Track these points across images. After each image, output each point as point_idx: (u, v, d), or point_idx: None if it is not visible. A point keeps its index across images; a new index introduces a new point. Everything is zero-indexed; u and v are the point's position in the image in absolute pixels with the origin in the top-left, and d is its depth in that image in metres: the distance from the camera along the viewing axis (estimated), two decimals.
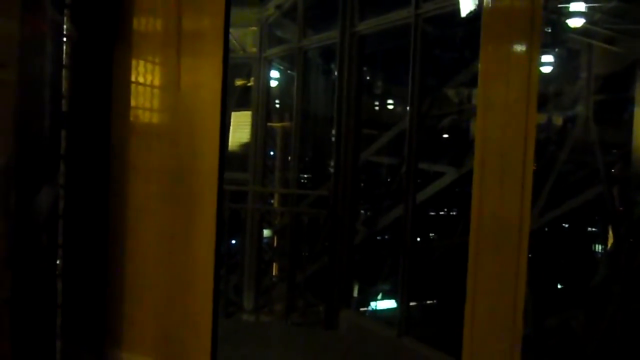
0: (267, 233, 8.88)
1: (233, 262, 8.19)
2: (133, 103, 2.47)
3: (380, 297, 11.05)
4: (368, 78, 12.91)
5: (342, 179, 5.95)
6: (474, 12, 4.65)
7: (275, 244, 8.98)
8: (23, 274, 1.97)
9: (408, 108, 5.18)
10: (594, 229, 11.32)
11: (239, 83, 9.28)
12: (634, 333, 7.10)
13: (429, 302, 11.08)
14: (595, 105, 9.05)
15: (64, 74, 2.26)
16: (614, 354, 7.45)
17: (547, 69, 8.80)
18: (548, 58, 8.69)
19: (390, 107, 14.58)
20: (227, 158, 2.54)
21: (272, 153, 9.24)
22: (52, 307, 2.24)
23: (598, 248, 11.02)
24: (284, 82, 9.52)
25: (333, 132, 6.06)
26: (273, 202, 8.84)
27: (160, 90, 2.46)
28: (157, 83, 2.45)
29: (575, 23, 8.17)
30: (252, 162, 7.95)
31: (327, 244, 6.67)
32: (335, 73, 6.09)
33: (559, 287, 10.47)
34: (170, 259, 2.45)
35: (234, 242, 8.55)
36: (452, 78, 10.48)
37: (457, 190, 9.23)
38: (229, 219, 6.46)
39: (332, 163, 6.14)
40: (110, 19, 2.43)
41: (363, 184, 10.57)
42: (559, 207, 9.37)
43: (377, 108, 14.47)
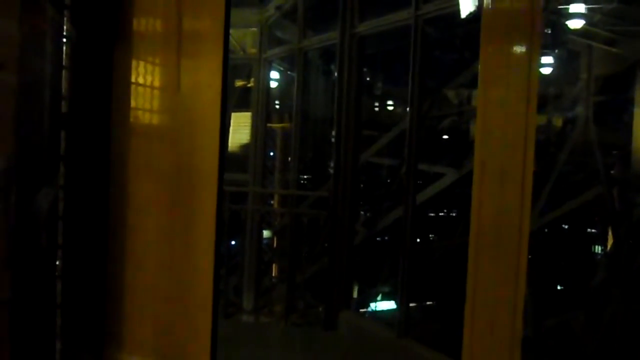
0: (267, 234, 8.88)
1: (233, 263, 8.19)
2: (133, 104, 2.47)
3: (380, 298, 11.05)
4: (368, 79, 12.91)
5: (342, 180, 5.95)
6: (474, 13, 4.64)
7: (275, 245, 8.99)
8: (22, 275, 1.97)
9: (408, 109, 5.18)
10: (594, 230, 11.32)
11: (239, 84, 9.28)
12: (634, 334, 7.10)
13: (429, 303, 11.08)
14: (595, 107, 9.06)
15: (64, 75, 2.26)
16: (614, 355, 7.45)
17: (547, 70, 8.80)
18: (548, 59, 8.69)
19: (390, 108, 14.58)
20: (227, 159, 2.54)
21: (272, 154, 9.25)
22: (51, 307, 2.24)
23: (598, 249, 11.02)
24: (284, 83, 9.52)
25: (333, 133, 6.07)
26: (273, 203, 8.84)
27: (160, 91, 2.46)
28: (157, 84, 2.45)
29: (575, 24, 8.17)
30: (252, 163, 7.95)
31: (326, 245, 6.67)
32: (335, 74, 6.10)
33: (559, 288, 10.47)
34: (170, 260, 2.45)
35: (234, 243, 8.55)
36: (452, 79, 10.49)
37: (457, 192, 9.22)
38: (229, 220, 6.46)
39: (332, 164, 6.14)
40: (110, 20, 2.43)
41: (363, 185, 10.58)
42: (559, 208, 9.38)
43: (377, 109, 14.48)
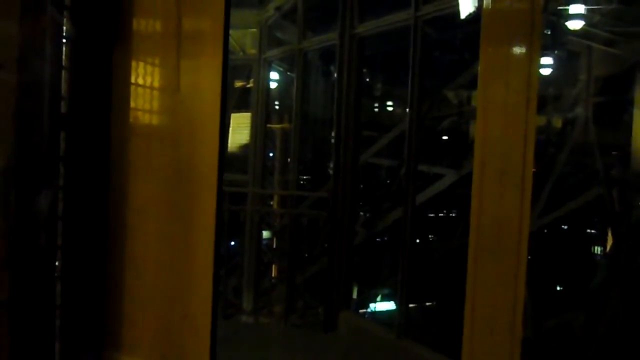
0: (266, 234, 8.88)
1: (232, 263, 8.18)
2: (133, 104, 2.47)
3: (380, 298, 11.05)
4: (368, 80, 12.91)
5: (341, 181, 5.95)
6: (474, 14, 4.64)
7: (275, 246, 8.98)
8: (22, 276, 1.97)
9: (408, 110, 5.18)
10: (593, 231, 11.32)
11: (239, 84, 9.28)
12: (634, 335, 7.10)
13: (429, 303, 11.07)
14: (595, 108, 9.06)
15: (64, 76, 2.26)
16: (614, 356, 7.44)
17: (546, 71, 8.80)
18: (548, 60, 8.69)
19: (390, 108, 14.58)
20: (226, 159, 2.54)
21: (271, 155, 9.24)
22: (51, 308, 2.23)
23: (597, 250, 11.02)
24: (284, 83, 9.52)
25: (332, 133, 6.06)
26: (272, 203, 8.83)
27: (160, 92, 2.46)
28: (156, 84, 2.45)
29: (575, 25, 8.17)
30: (251, 163, 7.95)
31: (326, 246, 6.66)
32: (335, 75, 6.09)
33: (558, 289, 10.47)
34: (170, 261, 2.45)
35: (234, 243, 8.54)
36: (451, 80, 10.49)
37: (456, 192, 9.22)
38: (229, 221, 6.45)
39: (331, 165, 6.14)
40: (110, 20, 2.43)
41: (362, 186, 10.57)
42: (559, 208, 9.38)
43: (376, 110, 14.48)
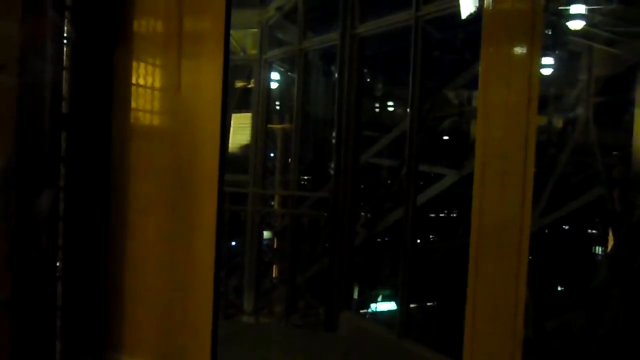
0: (267, 235, 8.88)
1: (233, 263, 8.18)
2: (133, 105, 2.47)
3: (381, 299, 11.04)
4: (368, 80, 12.91)
5: (342, 181, 5.95)
6: (475, 14, 4.64)
7: (276, 246, 8.98)
8: (23, 276, 1.97)
9: (408, 110, 5.18)
10: (594, 231, 11.31)
11: (240, 85, 9.28)
12: (634, 335, 7.09)
13: (429, 304, 11.07)
14: (596, 108, 9.06)
15: (65, 76, 2.26)
16: (615, 356, 7.44)
17: (547, 71, 8.80)
18: (549, 60, 8.69)
19: (391, 109, 14.57)
20: (227, 160, 2.54)
21: (272, 155, 9.24)
22: (52, 308, 2.23)
23: (598, 250, 11.01)
24: (285, 84, 9.53)
25: (333, 134, 6.07)
26: (273, 203, 8.83)
27: (161, 92, 2.46)
28: (157, 85, 2.45)
29: (576, 25, 8.17)
30: (252, 163, 7.95)
31: (327, 246, 6.67)
32: (336, 75, 6.10)
33: (560, 289, 10.47)
34: (171, 261, 2.45)
35: (234, 243, 8.54)
36: (452, 80, 10.49)
37: (457, 193, 9.22)
38: (229, 221, 6.46)
39: (332, 165, 6.14)
40: (111, 21, 2.43)
41: (363, 186, 10.57)
42: (560, 209, 9.37)
43: (377, 110, 14.47)
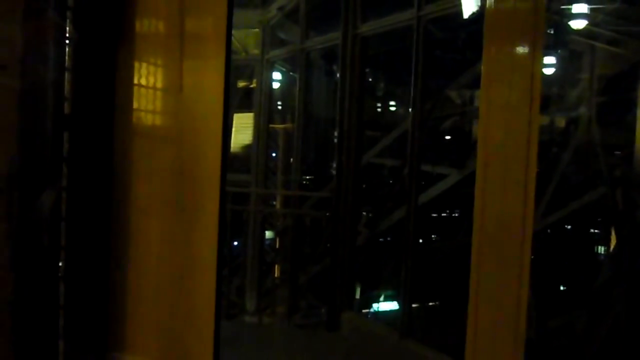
0: (269, 234, 8.87)
1: (235, 263, 8.18)
2: (136, 105, 2.47)
3: (383, 298, 11.03)
4: (370, 80, 12.89)
5: (344, 181, 5.95)
6: (477, 13, 4.64)
7: (278, 246, 8.98)
8: (26, 276, 1.97)
9: (410, 110, 5.18)
10: (597, 231, 11.29)
11: (241, 85, 9.29)
12: (637, 335, 7.07)
13: (432, 303, 11.05)
14: (598, 107, 9.04)
15: (67, 77, 2.27)
16: (618, 356, 7.42)
17: (550, 71, 8.78)
18: (551, 60, 8.68)
19: (393, 108, 14.56)
20: (229, 160, 2.54)
21: (274, 155, 9.24)
22: (54, 308, 2.24)
23: (601, 250, 10.99)
24: (286, 83, 9.53)
25: (335, 133, 6.06)
26: (275, 203, 8.83)
27: (163, 92, 2.46)
28: (159, 85, 2.45)
29: (578, 25, 8.15)
30: (254, 163, 7.96)
31: (329, 246, 6.66)
32: (338, 75, 6.09)
33: (562, 289, 10.45)
34: (173, 261, 2.46)
35: (236, 243, 8.54)
36: (454, 79, 10.47)
37: (459, 192, 9.20)
38: (231, 221, 6.46)
39: (334, 165, 6.14)
40: (113, 21, 2.43)
41: (365, 186, 10.56)
42: (562, 208, 9.36)
43: (379, 110, 14.45)
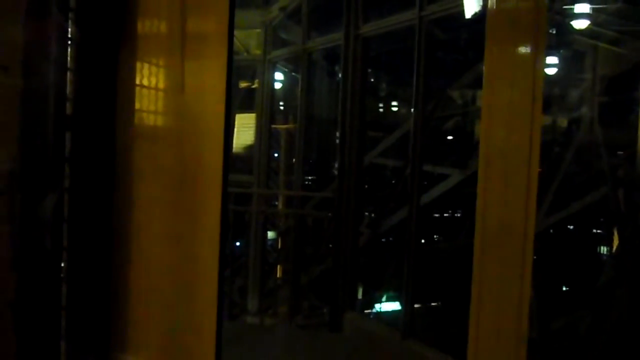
0: (271, 235, 8.88)
1: (237, 264, 8.18)
2: (137, 106, 2.47)
3: (385, 299, 11.03)
4: (372, 80, 12.90)
5: (346, 181, 5.95)
6: (479, 13, 4.63)
7: (280, 246, 8.98)
8: (28, 277, 1.97)
9: (412, 110, 5.17)
10: (599, 231, 11.27)
11: (243, 85, 9.29)
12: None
13: (434, 304, 11.04)
14: (601, 107, 9.03)
15: (69, 77, 2.27)
16: (621, 356, 7.41)
17: (552, 71, 8.77)
18: (553, 60, 8.67)
19: (395, 109, 14.56)
20: (231, 160, 2.54)
21: (276, 155, 9.25)
22: (56, 309, 2.24)
23: (603, 250, 10.98)
24: (288, 84, 9.54)
25: (337, 134, 6.07)
26: (277, 204, 8.84)
27: (165, 93, 2.46)
28: (161, 85, 2.45)
29: (580, 24, 8.14)
30: (256, 164, 7.96)
31: (331, 246, 6.66)
32: (340, 75, 6.10)
33: (564, 289, 10.44)
34: (175, 262, 2.45)
35: (239, 244, 8.54)
36: (456, 80, 10.47)
37: (462, 192, 9.20)
38: (234, 221, 6.46)
39: (336, 165, 6.14)
40: (115, 22, 2.43)
41: (367, 186, 10.56)
42: (564, 209, 9.34)
43: (381, 110, 14.46)
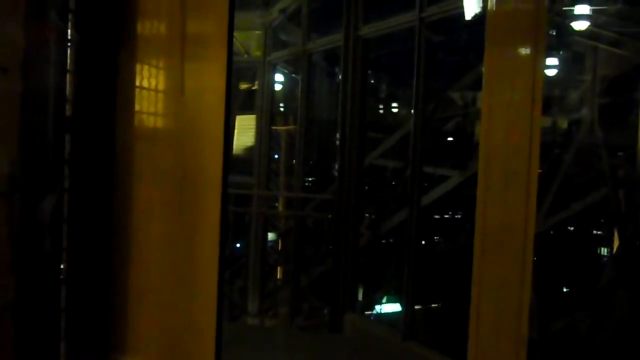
0: (271, 236, 8.88)
1: (238, 265, 8.18)
2: (137, 107, 2.47)
3: (385, 300, 11.02)
4: (372, 81, 12.89)
5: (346, 183, 5.95)
6: (479, 15, 4.63)
7: (280, 248, 8.98)
8: (27, 278, 1.97)
9: (412, 111, 5.18)
10: (600, 232, 11.26)
11: (244, 87, 9.29)
12: None
13: (434, 305, 11.03)
14: (601, 108, 9.03)
15: (69, 79, 2.27)
16: (621, 357, 7.41)
17: (552, 72, 8.77)
18: (553, 61, 8.67)
19: (395, 110, 14.56)
20: (231, 162, 2.54)
21: (276, 156, 9.24)
22: (56, 311, 2.24)
23: (604, 251, 10.97)
24: (288, 85, 9.54)
25: (337, 135, 6.07)
26: (278, 205, 8.84)
27: (165, 95, 2.46)
28: (161, 87, 2.45)
29: (580, 26, 8.14)
30: (256, 165, 7.96)
31: (331, 247, 6.66)
32: (340, 76, 6.10)
33: (565, 290, 10.43)
34: (174, 263, 2.45)
35: (239, 245, 8.54)
36: (456, 81, 10.46)
37: (462, 194, 9.19)
38: (234, 223, 6.47)
39: (336, 166, 6.14)
40: (115, 24, 2.43)
41: (367, 188, 10.55)
42: (565, 210, 9.34)
43: (381, 111, 14.45)
